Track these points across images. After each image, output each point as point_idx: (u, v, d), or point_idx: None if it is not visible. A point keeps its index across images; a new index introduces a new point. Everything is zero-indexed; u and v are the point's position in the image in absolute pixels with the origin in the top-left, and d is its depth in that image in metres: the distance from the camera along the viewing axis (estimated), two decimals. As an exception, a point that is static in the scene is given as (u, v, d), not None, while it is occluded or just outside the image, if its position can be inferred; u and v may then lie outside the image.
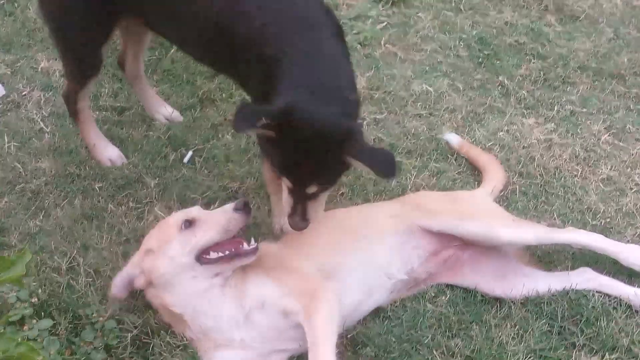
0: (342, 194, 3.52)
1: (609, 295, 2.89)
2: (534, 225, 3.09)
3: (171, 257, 2.55)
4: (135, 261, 2.67)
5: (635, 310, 2.82)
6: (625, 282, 2.90)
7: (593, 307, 2.84)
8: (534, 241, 3.00)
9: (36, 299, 2.89)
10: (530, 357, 2.73)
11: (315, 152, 2.67)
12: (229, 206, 2.67)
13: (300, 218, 2.84)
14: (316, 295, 2.58)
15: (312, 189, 2.77)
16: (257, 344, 2.70)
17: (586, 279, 2.95)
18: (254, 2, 2.98)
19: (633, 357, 2.73)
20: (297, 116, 2.60)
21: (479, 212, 3.11)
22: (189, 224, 2.58)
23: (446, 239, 3.00)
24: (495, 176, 3.46)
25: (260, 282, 2.66)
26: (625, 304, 2.85)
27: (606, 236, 3.14)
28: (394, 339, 2.74)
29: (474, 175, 3.59)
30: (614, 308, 2.85)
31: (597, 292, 2.92)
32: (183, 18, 3.17)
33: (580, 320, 2.83)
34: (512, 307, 2.85)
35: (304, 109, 2.63)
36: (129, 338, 2.78)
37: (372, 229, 3.02)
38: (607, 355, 2.69)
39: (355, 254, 2.92)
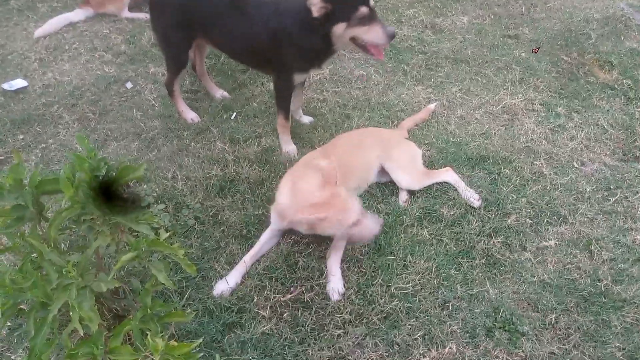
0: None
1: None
2: (423, 174, 3.24)
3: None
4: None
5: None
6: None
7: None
8: (418, 188, 3.23)
9: (155, 194, 3.18)
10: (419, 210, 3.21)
11: None
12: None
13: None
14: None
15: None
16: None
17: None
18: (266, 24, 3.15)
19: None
20: None
21: (405, 162, 3.26)
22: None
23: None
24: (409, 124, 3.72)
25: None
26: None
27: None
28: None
29: (390, 120, 3.85)
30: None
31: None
32: (228, 38, 3.38)
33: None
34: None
35: None
36: (209, 213, 3.08)
37: (369, 165, 3.23)
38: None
39: (362, 178, 3.19)
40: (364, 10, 2.89)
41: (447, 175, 3.30)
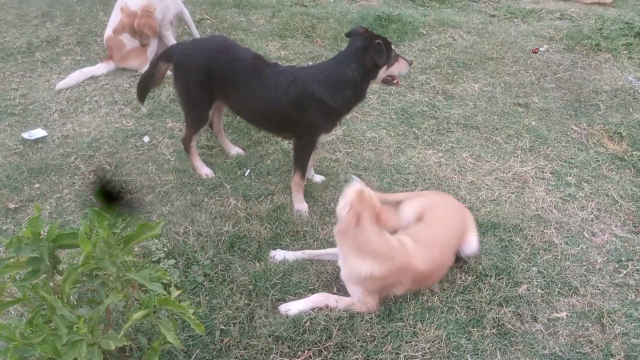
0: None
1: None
2: None
3: None
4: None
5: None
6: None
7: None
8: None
9: (166, 248, 3.16)
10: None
11: None
12: None
13: None
14: None
15: None
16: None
17: None
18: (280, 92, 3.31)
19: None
20: None
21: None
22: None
23: None
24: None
25: None
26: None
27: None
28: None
29: (399, 182, 3.88)
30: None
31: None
32: (247, 104, 3.52)
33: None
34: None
35: None
36: (219, 269, 3.08)
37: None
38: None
39: None
40: (394, 49, 3.29)
41: None
